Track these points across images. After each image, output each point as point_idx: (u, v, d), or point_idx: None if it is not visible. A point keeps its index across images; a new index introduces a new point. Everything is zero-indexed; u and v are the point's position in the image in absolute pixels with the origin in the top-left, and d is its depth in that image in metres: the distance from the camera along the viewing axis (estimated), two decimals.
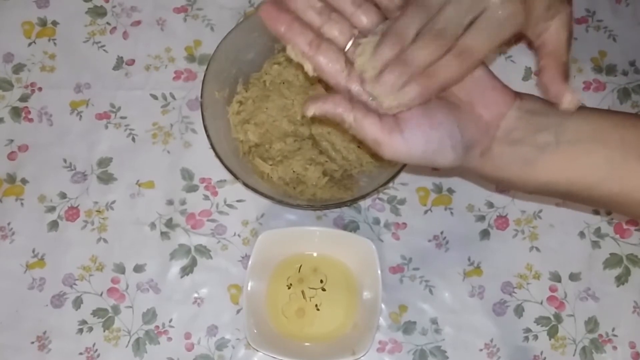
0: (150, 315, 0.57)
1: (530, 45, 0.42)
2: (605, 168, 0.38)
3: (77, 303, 0.57)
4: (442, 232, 0.60)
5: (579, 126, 0.38)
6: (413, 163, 0.39)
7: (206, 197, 0.60)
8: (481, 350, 0.57)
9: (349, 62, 0.38)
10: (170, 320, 0.57)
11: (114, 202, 0.60)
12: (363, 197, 0.56)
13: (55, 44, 0.65)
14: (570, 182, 0.39)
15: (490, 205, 0.60)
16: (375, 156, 0.58)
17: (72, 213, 0.60)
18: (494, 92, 0.39)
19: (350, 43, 0.38)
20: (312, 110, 0.38)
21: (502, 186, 0.41)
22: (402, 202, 0.60)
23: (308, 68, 0.38)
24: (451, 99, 0.39)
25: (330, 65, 0.38)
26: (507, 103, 0.39)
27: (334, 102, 0.37)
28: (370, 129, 0.37)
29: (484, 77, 0.39)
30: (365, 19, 0.38)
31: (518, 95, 0.40)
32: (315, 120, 0.60)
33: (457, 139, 0.38)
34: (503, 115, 0.39)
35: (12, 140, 0.62)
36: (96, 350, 0.56)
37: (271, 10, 0.38)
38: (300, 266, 0.57)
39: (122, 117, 0.63)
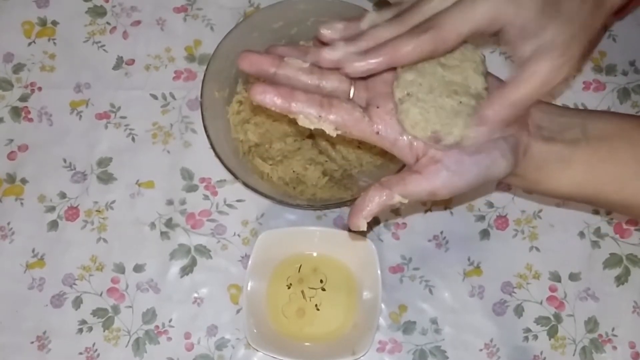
0: (150, 315, 0.57)
1: None
2: (633, 166, 0.38)
3: (77, 303, 0.57)
4: (442, 232, 0.60)
5: (603, 125, 0.39)
6: (472, 187, 0.37)
7: (206, 197, 0.60)
8: (481, 350, 0.57)
9: (362, 107, 0.37)
10: (170, 320, 0.57)
11: (113, 202, 0.60)
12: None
13: (55, 43, 0.65)
14: (602, 182, 0.38)
15: (490, 205, 0.60)
16: (380, 154, 0.58)
17: (72, 213, 0.60)
18: None
19: (352, 89, 0.38)
20: (367, 215, 0.37)
21: (540, 192, 0.40)
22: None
23: (330, 129, 0.36)
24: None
25: (350, 118, 0.36)
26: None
27: (376, 203, 0.37)
28: (422, 184, 0.36)
29: (500, 84, 0.39)
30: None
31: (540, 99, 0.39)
32: None
33: (503, 146, 0.36)
34: (529, 114, 0.38)
35: (12, 140, 0.62)
36: (96, 350, 0.56)
37: (267, 92, 0.36)
38: (300, 266, 0.57)
39: (122, 117, 0.63)
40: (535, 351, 0.57)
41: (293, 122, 0.61)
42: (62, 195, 0.60)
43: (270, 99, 0.35)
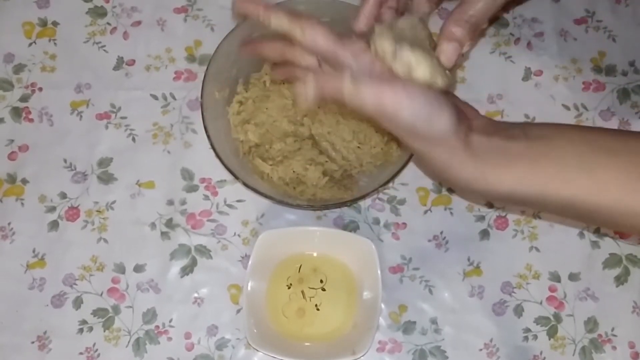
0: (150, 315, 0.57)
1: None
2: (575, 165, 0.38)
3: (78, 303, 0.57)
4: (441, 232, 0.60)
5: (542, 127, 0.41)
6: (414, 118, 0.37)
7: (206, 197, 0.61)
8: (481, 350, 0.57)
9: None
10: (171, 320, 0.57)
11: (114, 202, 0.60)
12: (363, 197, 0.56)
13: (55, 44, 0.65)
14: (545, 178, 0.38)
15: (490, 205, 0.60)
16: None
17: (73, 213, 0.60)
18: (466, 105, 0.45)
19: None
20: (310, 93, 0.38)
21: (482, 190, 0.41)
22: (402, 202, 0.60)
23: (309, 92, 0.38)
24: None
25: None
26: (475, 111, 0.44)
27: (330, 80, 0.38)
28: (372, 87, 0.37)
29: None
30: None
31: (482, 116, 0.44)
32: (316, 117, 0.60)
33: (451, 104, 0.39)
34: (474, 115, 0.42)
35: (12, 141, 0.62)
36: (96, 350, 0.56)
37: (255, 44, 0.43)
38: (300, 266, 0.57)
39: (122, 117, 0.63)
40: (535, 351, 0.57)
41: (293, 122, 0.61)
42: (63, 196, 0.60)
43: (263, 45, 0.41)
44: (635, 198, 0.37)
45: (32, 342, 0.56)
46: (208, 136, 0.54)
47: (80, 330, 0.57)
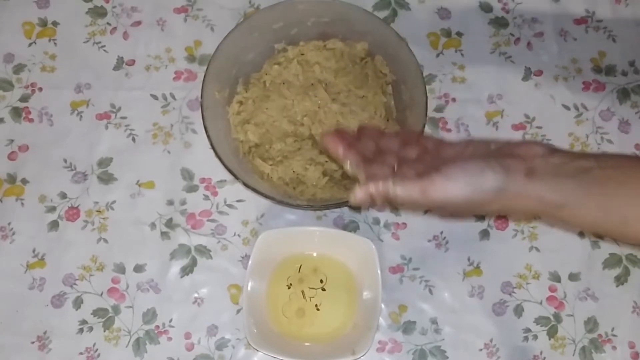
0: (150, 315, 0.57)
1: None
2: None
3: (78, 303, 0.57)
4: (441, 232, 0.60)
5: (618, 158, 0.39)
6: (464, 194, 0.39)
7: (206, 197, 0.61)
8: (481, 350, 0.57)
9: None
10: (171, 320, 0.57)
11: (114, 202, 0.60)
12: None
13: (55, 44, 0.65)
14: (628, 204, 0.38)
15: None
16: None
17: (73, 213, 0.60)
18: (520, 144, 0.41)
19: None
20: (361, 196, 0.41)
21: (566, 219, 0.42)
22: None
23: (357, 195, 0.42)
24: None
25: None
26: (534, 146, 0.41)
27: (376, 185, 0.40)
28: (414, 185, 0.40)
29: (503, 144, 0.42)
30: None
31: (545, 144, 0.41)
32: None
33: (494, 164, 0.39)
34: (536, 150, 0.40)
35: (12, 141, 0.62)
36: (96, 350, 0.56)
37: (333, 137, 0.44)
38: (300, 266, 0.57)
39: (122, 117, 0.63)
40: (535, 351, 0.57)
41: (293, 122, 0.62)
42: (63, 196, 0.60)
43: (335, 142, 0.44)
44: None
45: (32, 342, 0.56)
46: (208, 136, 0.54)
47: (80, 330, 0.57)
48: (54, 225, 0.59)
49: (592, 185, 0.38)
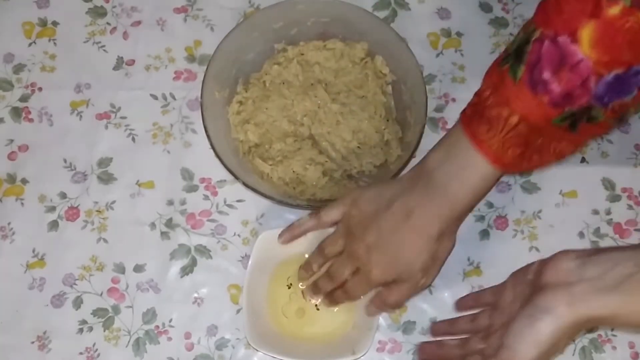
0: (150, 315, 0.57)
1: None
2: None
3: (77, 303, 0.57)
4: None
5: None
6: (533, 356, 0.40)
7: (206, 197, 0.61)
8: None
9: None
10: (170, 320, 0.57)
11: (114, 202, 0.60)
12: None
13: (55, 44, 0.65)
14: None
15: (490, 205, 0.60)
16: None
17: (72, 213, 0.60)
18: (547, 264, 0.42)
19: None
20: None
21: (617, 326, 0.49)
22: None
23: None
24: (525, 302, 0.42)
25: None
26: (562, 260, 0.41)
27: None
28: None
29: (535, 268, 0.44)
30: (483, 321, 0.49)
31: (571, 251, 0.42)
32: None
33: (536, 313, 0.40)
34: (565, 269, 0.41)
35: (12, 140, 0.62)
36: (96, 350, 0.56)
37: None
38: (300, 266, 0.57)
39: (122, 117, 0.63)
40: None
41: (293, 122, 0.62)
42: (63, 196, 0.60)
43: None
44: None
45: (32, 342, 0.56)
46: (208, 136, 0.54)
47: (80, 330, 0.57)
48: (53, 225, 0.59)
49: (638, 290, 0.38)
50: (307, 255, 0.57)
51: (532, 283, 0.43)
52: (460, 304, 0.54)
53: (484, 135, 0.42)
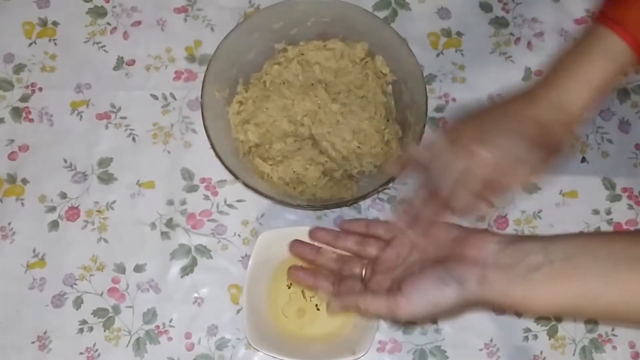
0: (150, 315, 0.57)
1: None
2: (598, 281, 0.39)
3: (78, 303, 0.57)
4: None
5: (566, 245, 0.41)
6: (426, 312, 0.42)
7: (206, 197, 0.61)
8: (481, 350, 0.57)
9: (365, 282, 0.47)
10: (171, 320, 0.57)
11: (114, 202, 0.60)
12: (363, 197, 0.56)
13: (55, 44, 0.65)
14: (574, 298, 0.40)
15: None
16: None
17: (73, 213, 0.60)
18: (472, 237, 0.44)
19: (364, 270, 0.47)
20: (336, 307, 0.45)
21: (521, 312, 0.50)
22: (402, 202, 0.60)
23: (333, 307, 0.46)
24: (438, 260, 0.44)
25: (352, 290, 0.46)
26: (486, 239, 0.43)
27: (350, 298, 0.45)
28: (381, 304, 0.43)
29: (459, 234, 0.45)
30: (370, 249, 0.47)
31: (496, 233, 0.44)
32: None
33: (447, 278, 0.42)
34: (486, 249, 0.42)
35: (12, 141, 0.62)
36: (97, 350, 0.56)
37: (297, 273, 0.49)
38: (301, 266, 0.57)
39: (122, 117, 0.63)
40: (535, 351, 0.57)
41: (293, 122, 0.61)
42: (63, 196, 0.60)
43: (302, 277, 0.49)
44: None
45: (33, 342, 0.56)
46: (208, 136, 0.54)
47: (81, 330, 0.57)
48: (54, 225, 0.59)
49: (541, 284, 0.40)
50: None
51: (450, 252, 0.44)
52: (345, 227, 0.51)
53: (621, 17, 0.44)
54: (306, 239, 0.57)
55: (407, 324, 0.57)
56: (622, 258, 0.39)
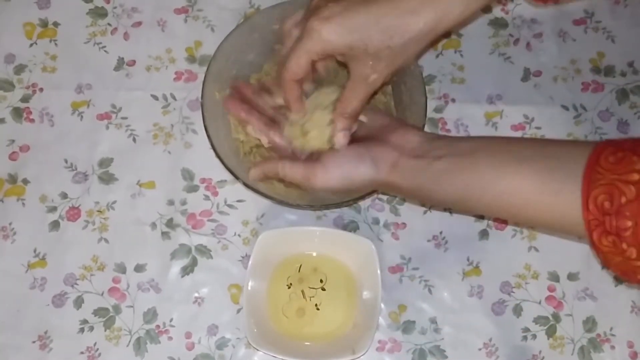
0: (151, 315, 0.57)
1: None
2: (489, 173, 0.43)
3: (78, 302, 0.58)
4: (441, 232, 0.60)
5: (471, 143, 0.46)
6: (340, 184, 0.47)
7: (207, 197, 0.61)
8: (480, 349, 0.57)
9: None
10: (171, 320, 0.57)
11: (114, 202, 0.60)
12: (363, 197, 0.56)
13: (56, 44, 0.65)
14: (465, 190, 0.44)
15: None
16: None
17: (73, 213, 0.60)
18: (401, 127, 0.49)
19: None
20: (256, 174, 0.51)
21: (414, 199, 0.56)
22: (402, 202, 0.61)
23: (264, 141, 0.53)
24: (364, 138, 0.49)
25: (277, 138, 0.52)
26: (411, 132, 0.48)
27: (269, 164, 0.51)
28: (298, 170, 0.48)
29: (391, 122, 0.50)
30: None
31: (423, 131, 0.49)
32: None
33: (365, 156, 0.47)
34: (408, 140, 0.47)
35: (13, 141, 0.62)
36: (97, 349, 0.56)
37: (233, 101, 0.53)
38: (300, 266, 0.58)
39: (123, 118, 0.63)
40: (534, 351, 0.57)
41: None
42: (64, 196, 0.61)
43: (234, 108, 0.53)
44: (544, 198, 0.41)
45: (33, 342, 0.57)
46: (208, 136, 0.55)
47: (81, 330, 0.57)
48: (54, 225, 0.60)
49: (440, 173, 0.45)
50: (313, 254, 0.58)
51: (378, 132, 0.49)
52: (229, 105, 0.54)
53: None
54: (306, 239, 0.58)
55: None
56: (515, 157, 0.43)
